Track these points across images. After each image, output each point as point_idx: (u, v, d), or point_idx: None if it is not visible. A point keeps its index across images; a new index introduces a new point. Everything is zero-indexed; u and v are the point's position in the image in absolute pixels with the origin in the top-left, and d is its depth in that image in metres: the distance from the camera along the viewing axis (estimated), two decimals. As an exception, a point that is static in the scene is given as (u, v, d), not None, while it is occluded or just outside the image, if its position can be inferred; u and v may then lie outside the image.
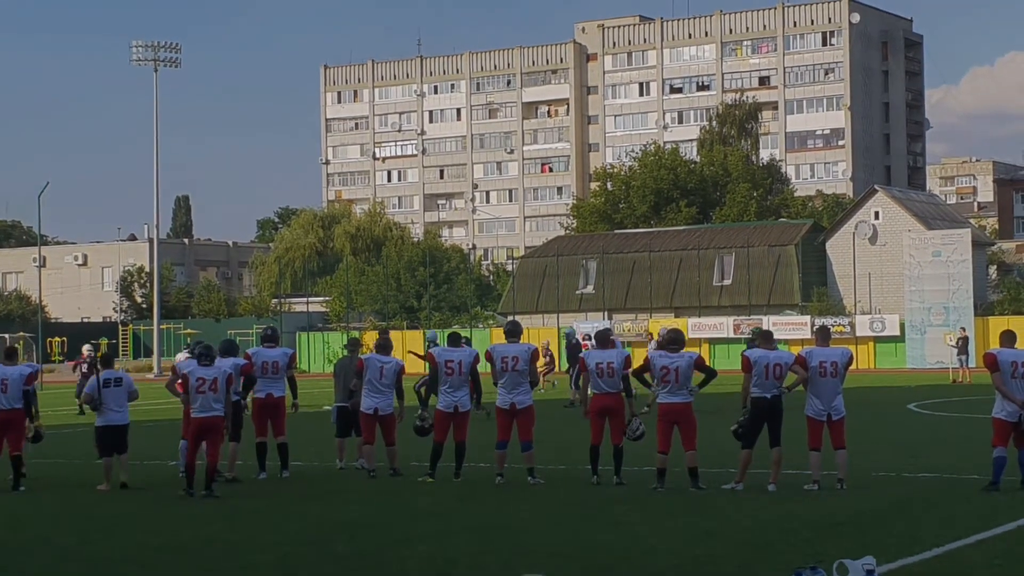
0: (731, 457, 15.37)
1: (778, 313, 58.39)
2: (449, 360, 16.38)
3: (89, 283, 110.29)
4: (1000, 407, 14.78)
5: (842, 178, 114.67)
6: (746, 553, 11.15)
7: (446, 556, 11.29)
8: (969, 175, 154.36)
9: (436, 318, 68.29)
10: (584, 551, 11.41)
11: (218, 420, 15.74)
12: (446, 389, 16.36)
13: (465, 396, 16.43)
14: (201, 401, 15.71)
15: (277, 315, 76.32)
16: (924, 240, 56.45)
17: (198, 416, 15.73)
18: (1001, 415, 14.74)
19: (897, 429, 24.70)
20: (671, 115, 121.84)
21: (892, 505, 13.86)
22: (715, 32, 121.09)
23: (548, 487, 15.70)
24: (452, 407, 16.33)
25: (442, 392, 16.39)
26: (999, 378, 14.72)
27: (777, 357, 15.34)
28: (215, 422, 15.71)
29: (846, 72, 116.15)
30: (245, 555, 11.69)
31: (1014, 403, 14.60)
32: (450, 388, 16.33)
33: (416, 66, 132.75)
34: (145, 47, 68.31)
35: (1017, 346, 15.18)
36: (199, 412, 15.72)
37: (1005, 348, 15.01)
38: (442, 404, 16.42)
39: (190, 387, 15.71)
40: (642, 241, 66.57)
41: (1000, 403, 14.80)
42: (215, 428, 15.72)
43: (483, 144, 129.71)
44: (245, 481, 17.25)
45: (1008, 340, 15.16)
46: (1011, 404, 14.63)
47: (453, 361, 16.37)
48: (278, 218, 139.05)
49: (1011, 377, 14.67)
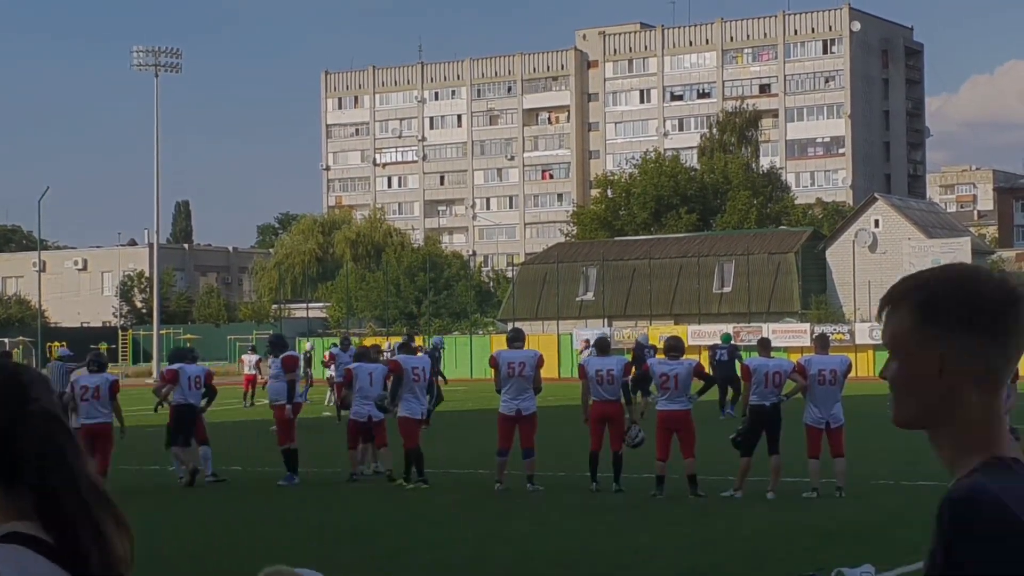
0: (730, 466, 15.38)
1: (778, 321, 58.39)
2: (415, 367, 16.75)
3: (89, 288, 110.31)
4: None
5: (842, 186, 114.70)
6: (745, 561, 11.16)
7: (446, 564, 11.30)
8: (969, 183, 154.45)
9: (436, 324, 68.28)
10: (584, 559, 11.42)
11: (105, 427, 16.12)
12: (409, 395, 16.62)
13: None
14: (86, 409, 16.08)
15: (277, 321, 76.34)
16: (924, 248, 56.49)
17: (85, 423, 15.91)
18: None
19: (896, 437, 24.64)
20: (672, 122, 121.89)
21: (891, 513, 13.87)
22: (716, 40, 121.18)
23: (548, 494, 15.70)
24: (419, 413, 16.67)
25: (406, 398, 16.60)
26: None
27: (776, 365, 15.40)
28: (101, 429, 16.05)
29: (847, 80, 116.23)
30: (244, 562, 11.69)
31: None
32: (411, 395, 16.64)
33: (417, 72, 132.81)
34: (146, 52, 68.35)
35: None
36: (85, 419, 15.99)
37: None
38: (408, 410, 16.63)
39: (76, 395, 16.13)
40: (642, 248, 66.58)
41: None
42: (103, 434, 16.04)
43: (484, 150, 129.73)
44: (240, 482, 17.25)
45: None
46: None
47: (418, 368, 16.77)
48: (278, 224, 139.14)
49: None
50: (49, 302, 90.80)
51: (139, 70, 68.49)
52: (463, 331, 65.82)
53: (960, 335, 2.06)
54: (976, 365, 2.07)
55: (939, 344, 2.07)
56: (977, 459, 2.04)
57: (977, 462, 2.03)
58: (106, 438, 16.15)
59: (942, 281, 2.10)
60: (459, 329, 66.93)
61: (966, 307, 2.07)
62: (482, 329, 68.17)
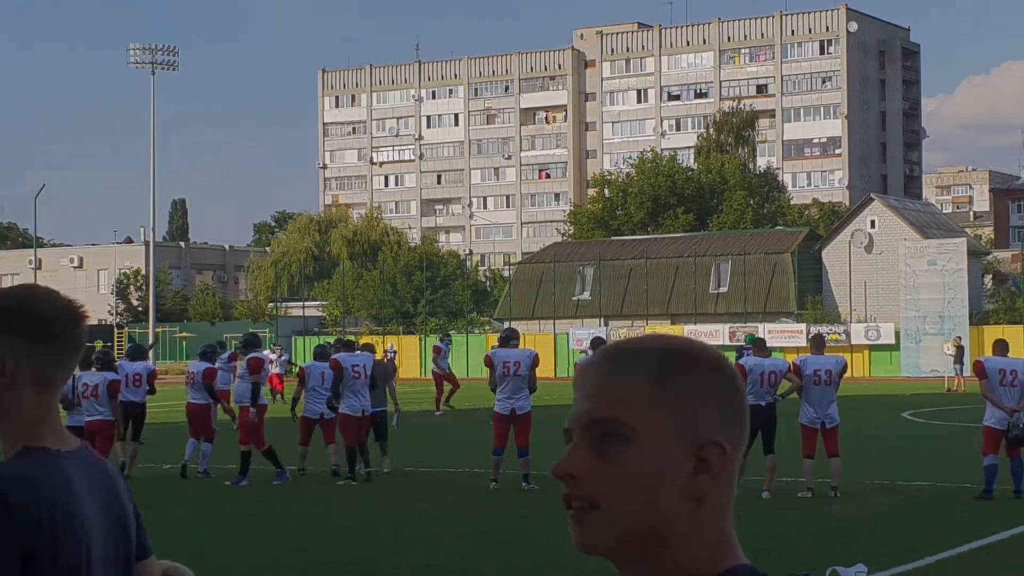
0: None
1: (774, 321, 58.41)
2: (355, 364, 17.36)
3: (85, 286, 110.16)
4: (990, 414, 14.85)
5: (838, 186, 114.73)
6: (739, 560, 11.16)
7: (439, 563, 11.29)
8: (965, 184, 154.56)
9: (432, 323, 68.29)
10: (577, 559, 11.40)
11: (105, 424, 16.32)
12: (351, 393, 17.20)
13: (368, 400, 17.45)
14: (87, 406, 16.38)
15: (273, 319, 76.30)
16: (920, 249, 56.50)
17: (87, 420, 16.27)
18: (991, 422, 14.80)
19: (891, 437, 24.71)
20: (669, 122, 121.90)
21: (886, 513, 13.88)
22: (713, 40, 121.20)
23: (543, 493, 15.71)
24: (359, 411, 17.18)
25: (348, 395, 17.18)
26: (987, 385, 14.80)
27: (771, 365, 15.45)
28: (101, 426, 16.26)
29: (843, 81, 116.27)
30: (237, 561, 11.69)
31: (1003, 410, 14.66)
32: (352, 392, 17.22)
33: (414, 71, 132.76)
34: (143, 50, 68.34)
35: (1010, 355, 15.25)
36: (86, 416, 16.31)
37: (994, 356, 15.11)
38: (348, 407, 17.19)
39: (76, 393, 16.35)
40: (639, 248, 66.59)
41: (990, 411, 14.87)
42: (103, 431, 16.24)
43: (481, 150, 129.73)
44: (253, 485, 17.24)
45: (1000, 349, 15.28)
46: (999, 411, 14.69)
47: (359, 365, 17.33)
48: (275, 222, 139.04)
49: (999, 384, 14.74)
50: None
51: (136, 68, 68.49)
52: (460, 330, 65.83)
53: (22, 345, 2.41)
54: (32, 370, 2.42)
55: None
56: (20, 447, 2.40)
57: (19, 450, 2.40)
58: (106, 435, 16.31)
59: (8, 298, 2.47)
60: (455, 328, 66.93)
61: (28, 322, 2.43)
62: (479, 328, 68.17)
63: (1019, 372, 14.76)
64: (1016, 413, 14.58)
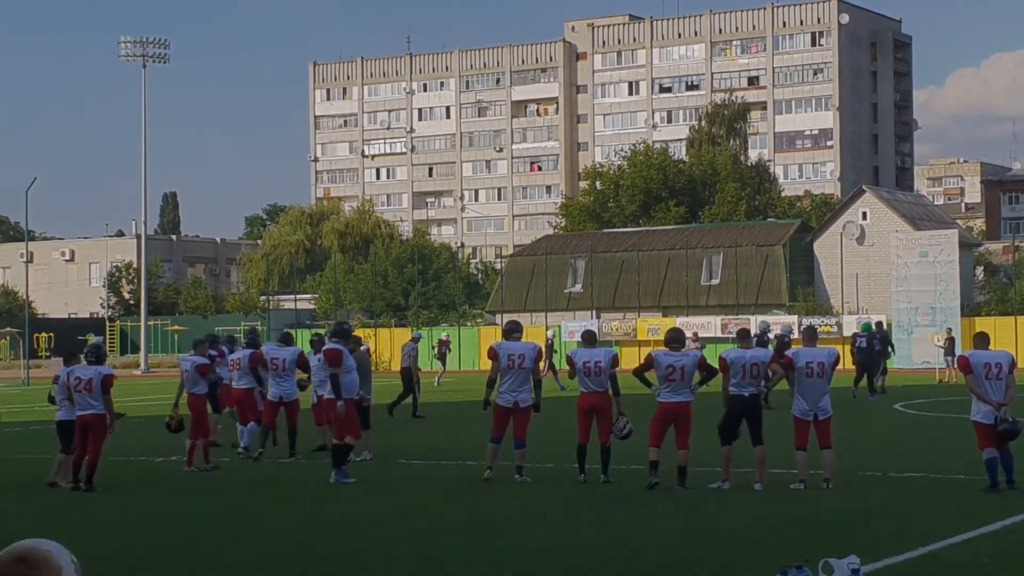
0: (718, 457, 15.41)
1: (766, 313, 58.39)
2: (275, 358, 19.50)
3: (76, 279, 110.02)
4: (976, 409, 14.86)
5: (830, 178, 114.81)
6: (732, 552, 11.17)
7: (433, 555, 11.28)
8: (956, 176, 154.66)
9: (424, 316, 68.26)
10: (571, 550, 11.41)
11: (97, 418, 16.20)
12: (273, 380, 19.54)
13: (293, 387, 19.69)
14: (80, 400, 16.27)
15: (265, 312, 76.22)
16: (911, 241, 56.54)
17: (80, 415, 16.28)
18: (978, 417, 14.80)
19: (883, 428, 24.75)
20: (660, 114, 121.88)
21: (878, 504, 13.89)
22: (704, 32, 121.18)
23: (535, 485, 15.70)
24: (278, 397, 19.60)
25: (274, 381, 19.54)
26: (973, 380, 14.80)
27: (753, 356, 15.54)
28: (94, 420, 16.19)
29: (835, 72, 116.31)
30: (231, 555, 11.67)
31: (989, 404, 14.67)
32: (275, 380, 19.55)
33: (405, 64, 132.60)
34: (133, 43, 68.15)
35: (997, 347, 15.26)
36: (79, 411, 16.28)
37: (978, 350, 15.12)
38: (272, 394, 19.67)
39: (70, 387, 16.36)
40: (631, 240, 66.57)
41: (976, 405, 14.87)
42: (95, 426, 16.19)
43: (472, 142, 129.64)
44: (227, 470, 17.21)
45: (981, 342, 15.28)
46: (986, 405, 14.70)
47: (278, 359, 19.46)
48: (266, 215, 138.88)
49: (985, 379, 14.75)
50: (36, 293, 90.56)
51: (127, 61, 68.28)
52: (451, 323, 65.80)
53: None
54: None
55: None
56: None
57: None
58: (99, 429, 16.21)
59: None
60: (447, 321, 66.90)
61: None
62: (470, 321, 68.14)
63: (1004, 365, 14.77)
64: (1003, 407, 14.60)
